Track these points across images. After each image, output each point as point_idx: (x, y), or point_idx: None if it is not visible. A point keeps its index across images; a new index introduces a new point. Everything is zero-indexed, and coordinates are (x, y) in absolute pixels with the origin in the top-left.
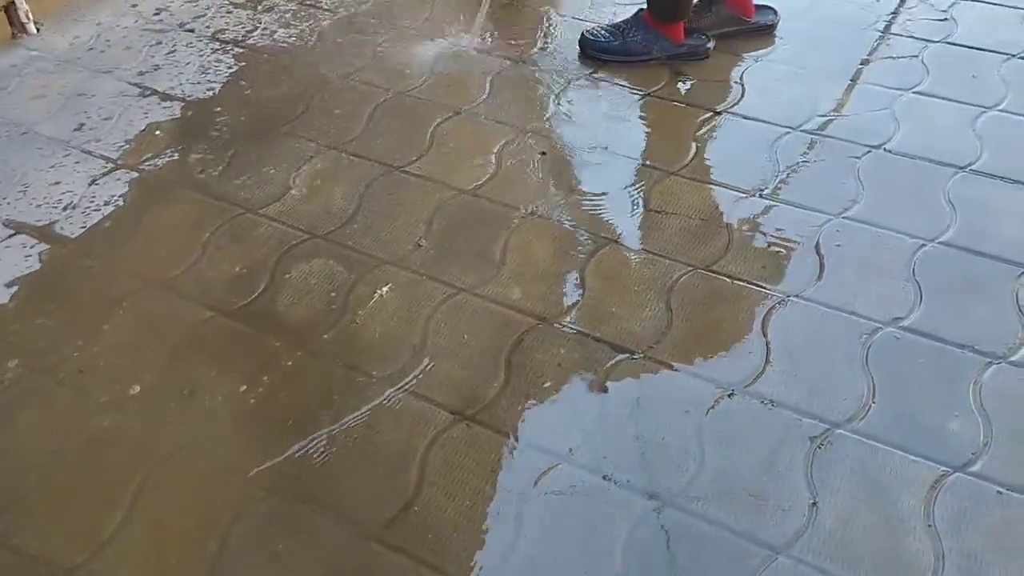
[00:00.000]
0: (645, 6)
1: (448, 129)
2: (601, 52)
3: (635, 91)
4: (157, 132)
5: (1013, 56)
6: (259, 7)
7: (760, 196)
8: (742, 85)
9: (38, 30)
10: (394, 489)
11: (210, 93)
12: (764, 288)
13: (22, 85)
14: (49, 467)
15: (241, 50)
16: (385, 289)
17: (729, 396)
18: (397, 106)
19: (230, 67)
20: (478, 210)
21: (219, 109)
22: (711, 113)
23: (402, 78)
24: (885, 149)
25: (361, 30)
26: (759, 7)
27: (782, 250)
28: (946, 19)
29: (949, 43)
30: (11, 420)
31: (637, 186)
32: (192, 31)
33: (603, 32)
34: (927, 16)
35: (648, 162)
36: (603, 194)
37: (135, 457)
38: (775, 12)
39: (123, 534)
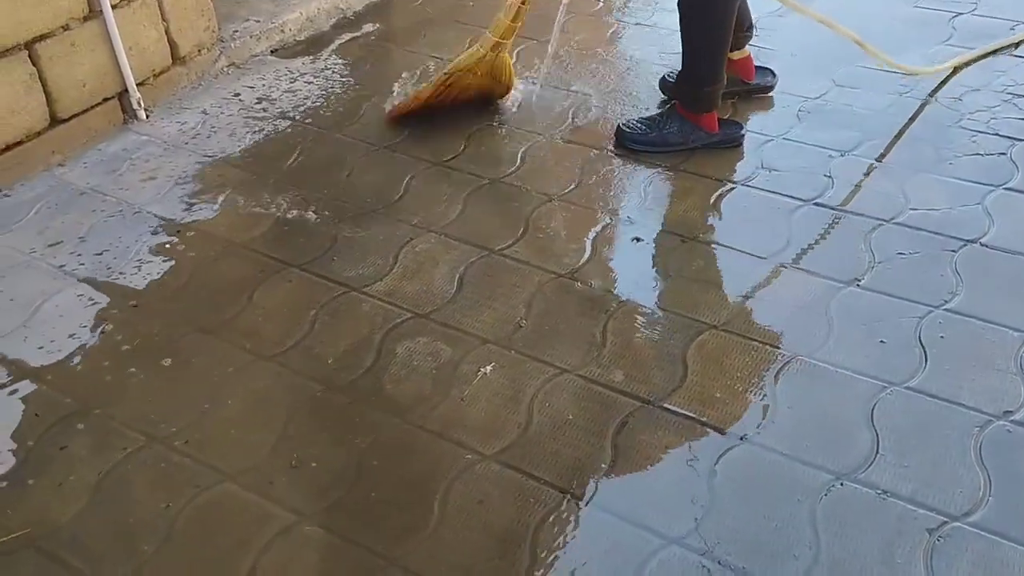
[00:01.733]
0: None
1: (543, 214)
2: (637, 144)
3: (722, 181)
4: (266, 213)
5: None
6: (359, 98)
7: (857, 286)
8: (831, 178)
9: (148, 116)
10: (508, 567)
11: (311, 177)
12: (868, 377)
13: (133, 168)
14: (165, 537)
15: (339, 137)
16: (489, 368)
17: (840, 485)
18: (492, 192)
19: (329, 154)
20: (576, 293)
21: (321, 192)
22: (802, 203)
23: (495, 165)
24: (981, 243)
25: (455, 119)
26: (758, 68)
27: (884, 340)
28: None
29: None
30: (129, 488)
31: (733, 273)
32: (292, 119)
33: (639, 124)
34: (1013, 115)
35: (742, 250)
36: (697, 281)
37: (249, 529)
38: (773, 74)
39: None
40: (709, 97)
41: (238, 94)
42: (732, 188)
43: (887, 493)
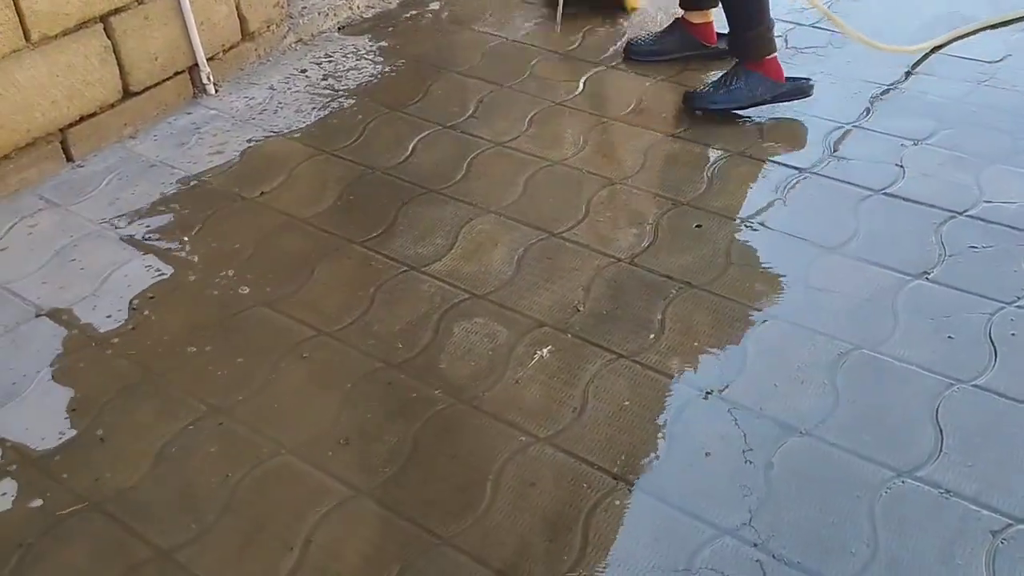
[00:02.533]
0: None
1: (604, 198)
2: (709, 104)
3: (792, 168)
4: (326, 188)
5: None
6: (423, 76)
7: (927, 280)
8: (902, 167)
9: (217, 91)
10: (559, 550)
11: (374, 155)
12: (934, 373)
13: (201, 141)
14: (227, 505)
15: (402, 115)
16: (545, 351)
17: (901, 482)
18: (553, 174)
19: (392, 132)
20: (635, 279)
21: (383, 170)
22: (871, 193)
23: (558, 147)
24: None
25: (517, 101)
26: (720, 35)
27: (952, 336)
28: None
29: None
30: (193, 457)
31: (797, 263)
32: (356, 96)
33: (707, 87)
34: None
35: (807, 239)
36: (761, 268)
37: (304, 502)
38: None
39: None
40: (762, 38)
41: (304, 70)
42: (799, 175)
43: (950, 492)
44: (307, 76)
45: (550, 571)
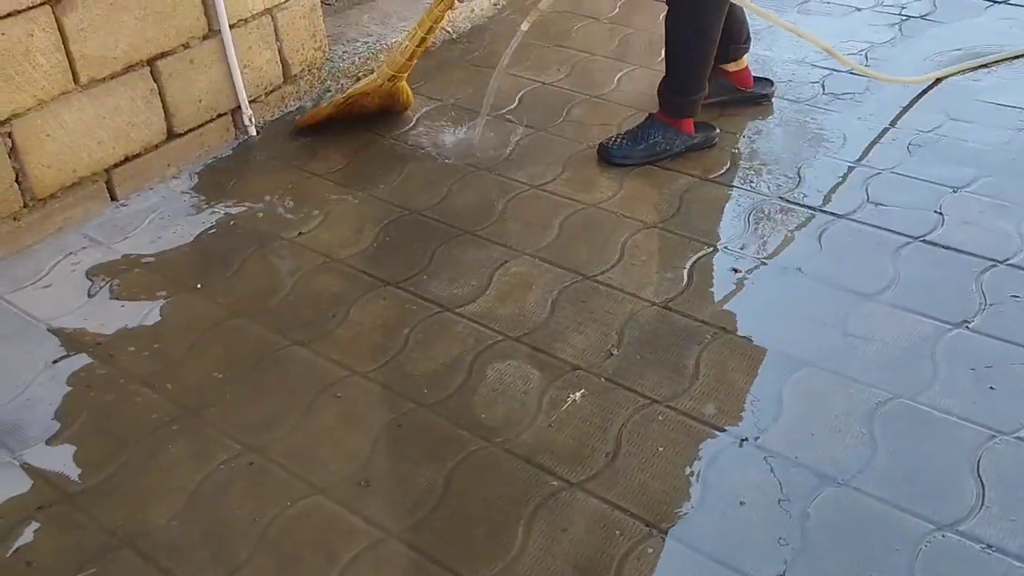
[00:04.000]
0: (657, 108)
1: (639, 241)
2: (627, 159)
3: (829, 213)
4: (363, 229)
5: None
6: (458, 119)
7: (967, 329)
8: (941, 214)
9: (258, 132)
10: None
11: (410, 196)
12: (975, 424)
13: (240, 183)
14: (259, 544)
15: (439, 158)
16: (578, 395)
17: (942, 536)
18: (588, 217)
19: (428, 173)
20: (669, 323)
21: (419, 212)
22: (909, 240)
23: (592, 190)
24: None
25: (553, 144)
26: (757, 79)
27: (993, 386)
28: None
29: None
30: (225, 495)
31: (834, 310)
32: (395, 138)
33: (623, 140)
34: None
35: (844, 286)
36: (797, 315)
37: (335, 543)
38: (771, 83)
39: None
40: (692, 105)
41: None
42: (836, 221)
43: (991, 547)
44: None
45: None
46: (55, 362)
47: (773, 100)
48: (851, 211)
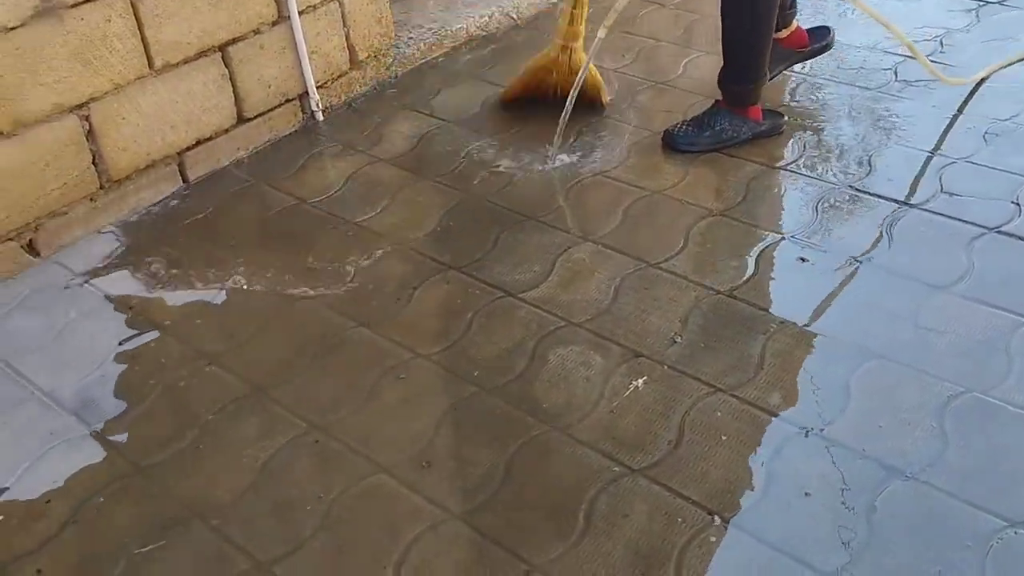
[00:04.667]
0: (721, 96)
1: (703, 229)
2: (692, 146)
3: (900, 203)
4: (427, 214)
5: None
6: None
7: None
8: (1018, 204)
9: (324, 117)
10: None
11: (474, 183)
12: None
13: (306, 167)
14: (323, 521)
15: (500, 143)
16: (641, 381)
17: (1014, 532)
18: (652, 204)
19: (492, 159)
20: (735, 312)
21: (482, 197)
22: (984, 231)
23: (657, 177)
24: None
25: (617, 130)
26: (811, 30)
27: None
28: None
29: None
30: (291, 471)
31: (905, 301)
32: (458, 124)
33: (688, 127)
34: None
35: (916, 277)
36: (866, 306)
37: (397, 522)
38: (828, 30)
39: None
40: (754, 92)
41: (407, 98)
42: (908, 211)
43: None
44: (410, 103)
45: None
46: (129, 339)
47: (843, 87)
48: (924, 201)
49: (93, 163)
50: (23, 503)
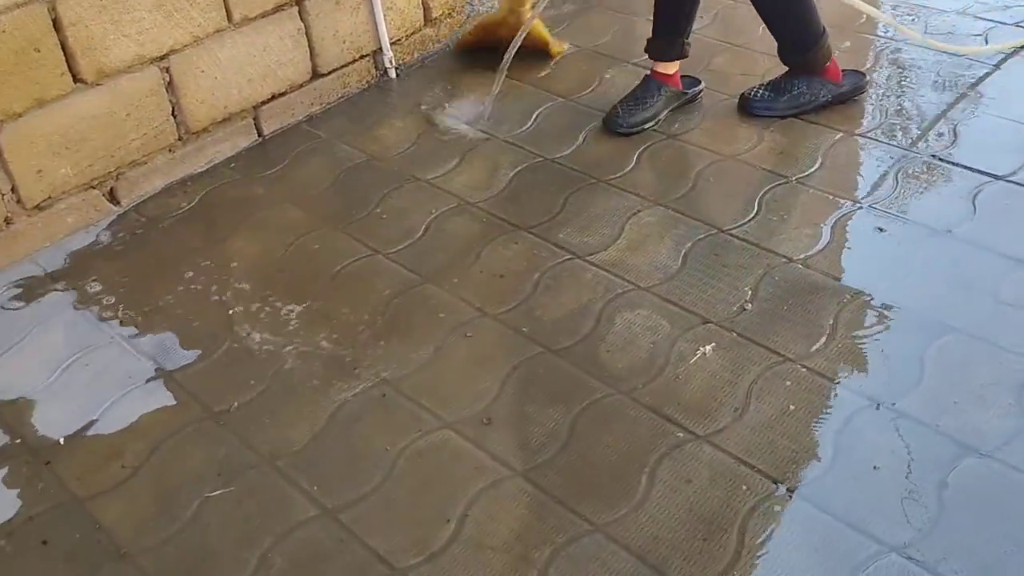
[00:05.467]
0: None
1: (778, 196)
2: (768, 110)
3: (987, 174)
4: (497, 174)
5: None
6: (596, 67)
7: None
8: None
9: (397, 74)
10: (713, 550)
11: (545, 142)
12: None
13: (379, 123)
14: (390, 471)
15: (575, 105)
16: (708, 348)
17: None
18: (725, 169)
19: (564, 120)
20: (806, 281)
21: (554, 158)
22: None
23: (731, 142)
24: None
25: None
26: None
27: None
28: None
29: None
30: (359, 423)
31: (986, 275)
32: (530, 84)
33: (765, 91)
34: None
35: (999, 250)
36: (945, 279)
37: (461, 477)
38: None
39: (451, 549)
40: (822, 53)
41: (481, 56)
42: (993, 182)
43: None
44: (483, 61)
45: (702, 570)
46: (215, 276)
47: (929, 52)
48: (1010, 172)
49: (172, 115)
50: (103, 442)
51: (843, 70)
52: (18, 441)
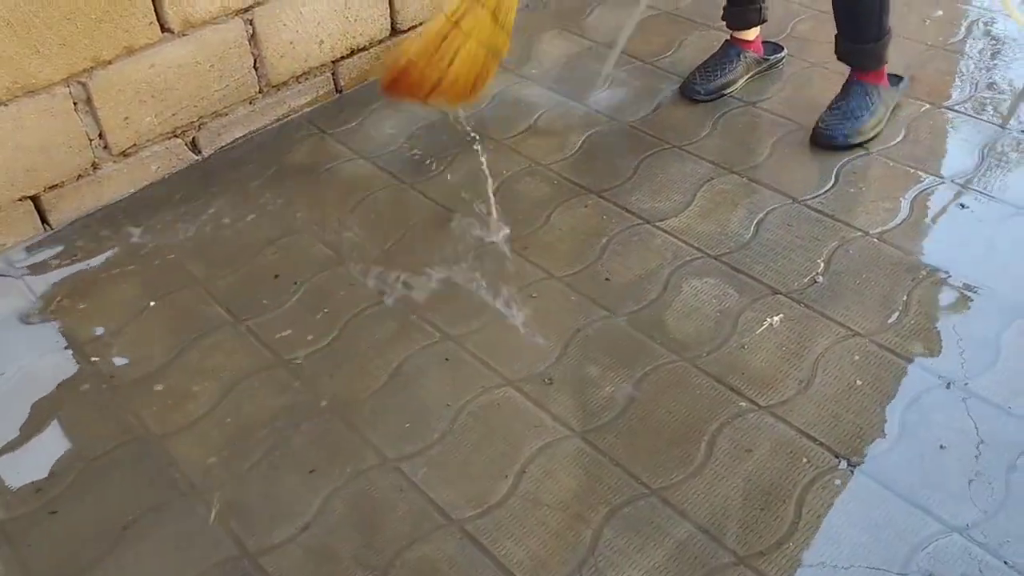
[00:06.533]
0: (851, 71)
1: (857, 167)
2: (852, 138)
3: None
4: (569, 137)
5: None
6: (677, 32)
7: None
8: None
9: None
10: (770, 520)
11: (617, 109)
12: None
13: None
14: (451, 424)
15: (652, 68)
16: (776, 319)
17: None
18: (803, 139)
19: (641, 84)
20: (882, 256)
21: (627, 123)
22: None
23: (811, 111)
24: None
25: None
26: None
27: None
28: None
29: None
30: (422, 377)
31: None
32: (608, 47)
33: (834, 120)
34: None
35: None
36: None
37: (521, 435)
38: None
39: (508, 504)
40: (887, 43)
41: (561, 18)
42: None
43: None
44: (562, 23)
45: (758, 539)
46: (276, 240)
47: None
48: None
49: (254, 67)
50: (178, 384)
51: (889, 74)
52: (103, 377)
